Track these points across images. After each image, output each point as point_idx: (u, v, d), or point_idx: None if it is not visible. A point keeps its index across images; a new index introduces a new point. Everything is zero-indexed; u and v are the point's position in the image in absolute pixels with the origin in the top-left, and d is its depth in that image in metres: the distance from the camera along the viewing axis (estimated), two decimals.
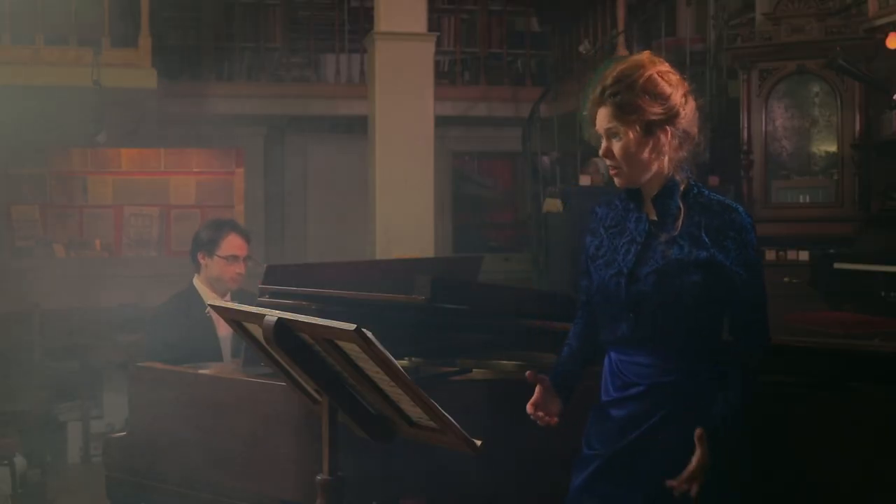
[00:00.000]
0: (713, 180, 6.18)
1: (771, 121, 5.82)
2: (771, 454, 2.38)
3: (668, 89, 2.15)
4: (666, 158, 2.15)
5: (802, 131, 5.79)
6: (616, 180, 2.20)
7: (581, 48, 7.89)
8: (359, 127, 7.43)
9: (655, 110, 2.12)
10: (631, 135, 2.12)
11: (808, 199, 5.78)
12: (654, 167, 2.16)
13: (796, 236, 5.69)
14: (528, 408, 2.25)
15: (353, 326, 1.85)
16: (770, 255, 5.76)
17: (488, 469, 2.35)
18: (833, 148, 5.71)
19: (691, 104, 2.19)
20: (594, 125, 2.20)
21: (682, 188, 2.17)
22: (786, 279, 5.60)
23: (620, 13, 7.26)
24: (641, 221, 2.20)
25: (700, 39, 7.25)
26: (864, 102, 5.58)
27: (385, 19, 6.34)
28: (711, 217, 2.14)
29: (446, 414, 1.96)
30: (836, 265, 5.08)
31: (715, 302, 2.13)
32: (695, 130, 2.20)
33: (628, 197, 2.24)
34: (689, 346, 2.14)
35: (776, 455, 2.38)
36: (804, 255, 5.58)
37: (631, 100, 2.12)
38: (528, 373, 2.24)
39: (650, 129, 2.12)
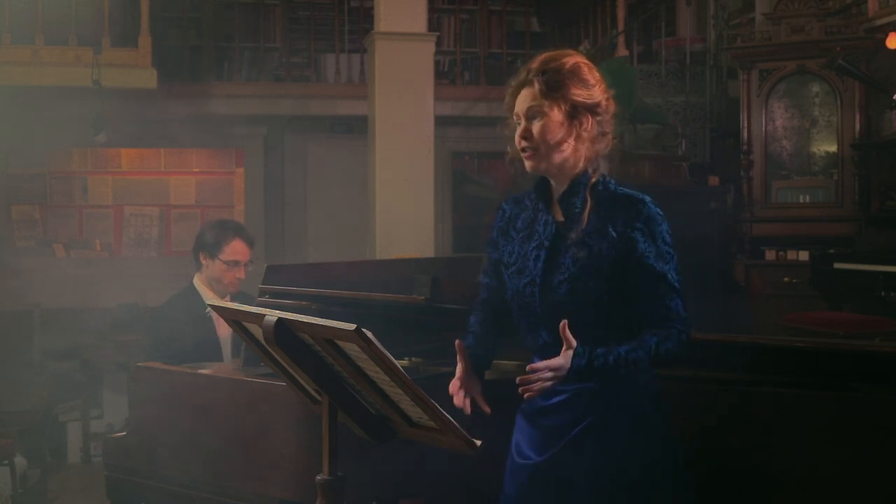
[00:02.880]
0: (713, 180, 6.19)
1: (771, 121, 5.82)
2: (770, 454, 2.38)
3: (592, 79, 2.15)
4: (584, 147, 2.13)
5: (802, 131, 5.79)
6: (527, 163, 2.15)
7: (581, 48, 7.88)
8: (359, 127, 7.42)
9: (580, 93, 2.12)
10: (556, 112, 2.11)
11: (808, 199, 5.78)
12: (571, 156, 2.13)
13: (796, 236, 5.69)
14: (453, 386, 2.18)
15: (353, 326, 1.85)
16: (770, 255, 5.77)
17: (488, 469, 2.35)
18: (833, 148, 5.71)
19: (612, 106, 2.18)
20: (512, 111, 2.17)
21: (591, 182, 2.14)
22: (786, 279, 5.60)
23: (620, 13, 7.26)
24: (549, 224, 2.18)
25: (700, 39, 7.26)
26: (864, 102, 5.58)
27: (385, 19, 6.34)
28: (618, 210, 2.11)
29: (446, 414, 1.96)
30: (836, 265, 5.08)
31: (629, 300, 2.10)
32: (610, 133, 2.17)
33: (538, 196, 2.22)
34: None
35: (775, 455, 2.38)
36: (804, 255, 5.58)
37: (559, 79, 2.11)
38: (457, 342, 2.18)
39: (574, 112, 2.11)
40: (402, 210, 6.23)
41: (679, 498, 2.18)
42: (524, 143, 2.14)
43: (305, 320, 1.99)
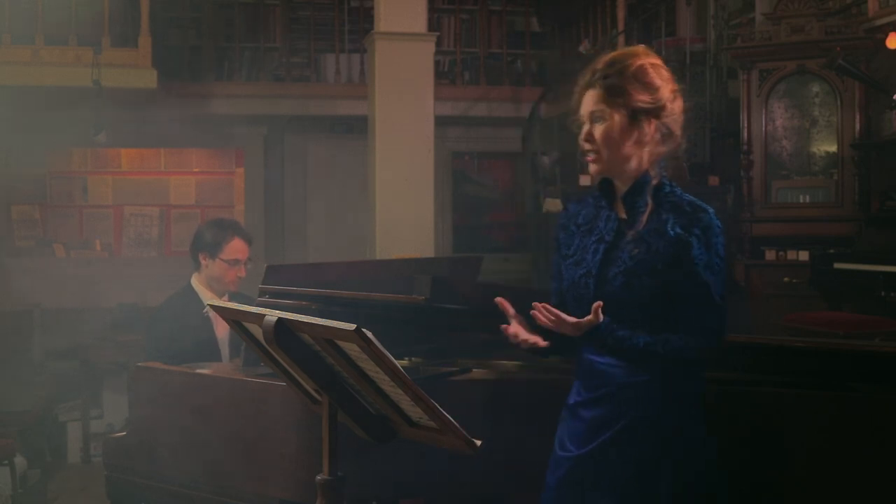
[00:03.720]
0: (713, 180, 6.19)
1: (771, 121, 5.82)
2: (770, 455, 2.38)
3: (657, 81, 2.14)
4: (646, 151, 2.14)
5: (802, 131, 5.79)
6: (591, 167, 2.18)
7: (581, 48, 7.88)
8: (359, 127, 7.42)
9: (643, 98, 2.12)
10: (616, 118, 2.12)
11: (808, 199, 5.78)
12: (633, 159, 2.15)
13: (796, 236, 5.69)
14: (506, 329, 2.21)
15: (353, 326, 1.85)
16: (770, 255, 5.76)
17: (488, 469, 2.35)
18: (833, 148, 5.71)
19: (679, 103, 2.18)
20: (578, 110, 2.19)
21: (653, 184, 2.16)
22: (786, 279, 5.60)
23: (620, 13, 7.25)
24: (611, 220, 2.20)
25: (700, 39, 7.25)
26: (864, 102, 5.58)
27: (385, 19, 6.33)
28: (680, 215, 2.13)
29: (446, 414, 1.96)
30: (836, 265, 5.07)
31: (674, 302, 2.12)
32: (679, 132, 2.18)
33: (601, 193, 2.24)
34: None
35: (775, 455, 2.38)
36: (804, 255, 5.58)
37: (620, 83, 2.12)
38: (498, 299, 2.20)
39: (635, 117, 2.12)
40: (402, 210, 6.22)
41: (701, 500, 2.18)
42: (587, 146, 2.17)
43: (305, 320, 1.99)
